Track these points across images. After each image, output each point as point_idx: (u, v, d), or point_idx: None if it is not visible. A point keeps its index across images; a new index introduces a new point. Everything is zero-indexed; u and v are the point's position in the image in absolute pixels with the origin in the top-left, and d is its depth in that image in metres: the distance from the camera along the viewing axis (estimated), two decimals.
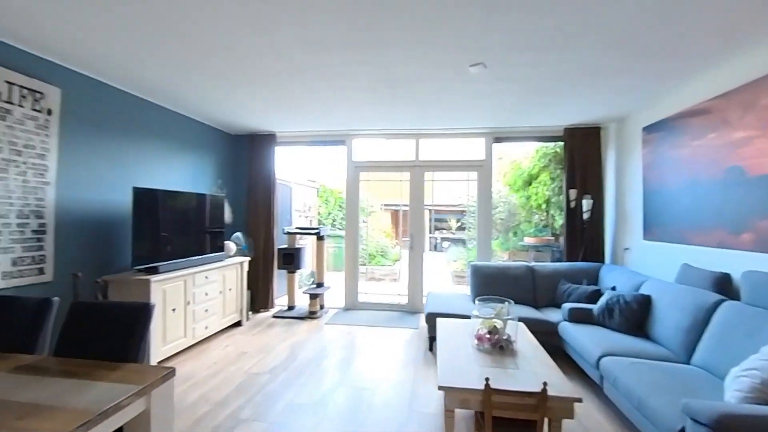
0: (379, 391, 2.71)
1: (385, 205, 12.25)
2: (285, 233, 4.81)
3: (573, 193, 4.25)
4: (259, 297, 4.78)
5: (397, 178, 5.00)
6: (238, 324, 4.18)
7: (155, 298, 2.92)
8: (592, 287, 3.51)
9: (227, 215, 4.55)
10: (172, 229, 3.36)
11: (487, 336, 2.35)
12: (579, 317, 3.11)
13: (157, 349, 2.96)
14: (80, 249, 2.83)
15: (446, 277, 8.08)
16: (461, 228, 12.41)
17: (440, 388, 1.87)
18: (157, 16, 2.04)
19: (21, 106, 2.41)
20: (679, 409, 1.66)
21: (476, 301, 2.58)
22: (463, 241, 10.85)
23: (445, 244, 12.34)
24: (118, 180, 3.15)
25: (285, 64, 2.67)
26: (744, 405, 1.60)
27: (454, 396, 1.89)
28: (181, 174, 4.00)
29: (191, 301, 3.35)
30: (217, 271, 3.75)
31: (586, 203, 4.10)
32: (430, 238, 14.23)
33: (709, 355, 2.20)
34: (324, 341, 3.74)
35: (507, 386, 1.83)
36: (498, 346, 2.32)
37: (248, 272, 4.39)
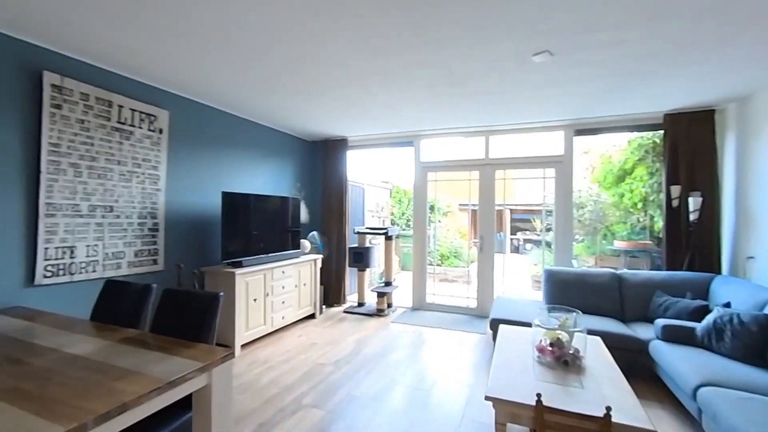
0: (435, 392, 2.68)
1: (462, 205, 11.96)
2: (355, 233, 5.04)
3: (675, 189, 3.61)
4: (332, 292, 5.09)
5: (466, 177, 4.85)
6: (312, 316, 4.52)
7: (239, 288, 3.33)
8: (698, 302, 2.95)
9: (303, 215, 4.95)
10: (254, 228, 3.79)
11: (550, 348, 2.16)
12: (676, 336, 2.64)
13: (241, 334, 3.37)
14: (183, 244, 3.38)
15: (526, 281, 7.55)
16: (548, 229, 11.44)
17: (487, 398, 1.78)
18: (246, 48, 2.36)
19: (140, 127, 2.98)
20: None
21: (539, 309, 2.38)
22: (549, 244, 9.98)
23: (528, 246, 11.51)
24: (212, 185, 3.67)
25: (346, 72, 2.81)
26: None
27: (503, 409, 1.79)
28: (264, 179, 4.47)
29: (270, 293, 3.74)
30: (293, 266, 4.11)
31: (693, 202, 3.45)
32: (511, 239, 13.43)
33: None
34: (388, 339, 3.82)
35: (564, 406, 1.66)
36: (562, 360, 2.11)
37: (322, 269, 4.71)
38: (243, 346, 3.45)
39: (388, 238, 4.98)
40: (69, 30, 2.20)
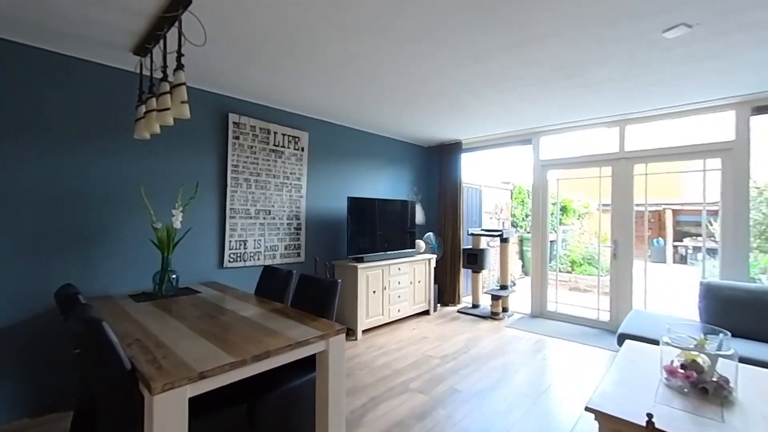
0: (543, 401, 2.56)
1: (604, 205, 10.39)
2: (469, 234, 5.07)
3: None
4: (446, 292, 5.25)
5: (595, 174, 4.33)
6: (426, 313, 4.77)
7: (361, 280, 3.84)
8: None
9: (419, 217, 5.26)
10: (374, 229, 4.27)
11: (682, 371, 1.85)
12: None
13: (362, 320, 3.87)
14: (319, 241, 4.08)
15: (690, 298, 6.12)
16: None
17: (587, 408, 1.68)
18: (358, 78, 2.79)
19: (288, 148, 3.77)
20: None
21: (669, 325, 2.05)
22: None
23: (698, 255, 9.21)
24: (341, 192, 4.31)
25: (449, 81, 2.96)
26: None
27: (607, 424, 1.66)
28: (384, 184, 4.96)
29: (387, 287, 4.15)
30: (408, 264, 4.45)
31: None
32: (675, 246, 10.95)
33: None
34: (500, 342, 3.77)
35: None
36: (699, 386, 1.79)
37: (437, 269, 4.92)
38: (364, 331, 3.94)
39: (504, 240, 4.85)
40: (244, 81, 3.01)
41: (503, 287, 4.85)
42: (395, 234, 4.58)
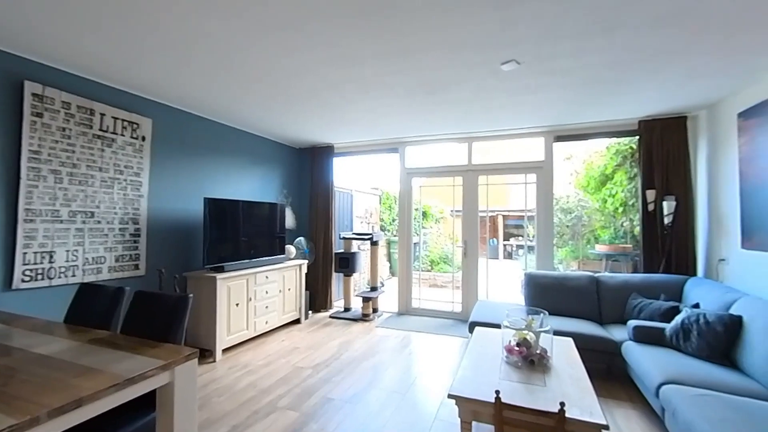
0: (410, 395, 2.71)
1: (456, 211, 12.05)
2: (341, 238, 5.09)
3: (651, 194, 3.69)
4: (318, 297, 5.12)
5: (450, 183, 4.92)
6: (296, 321, 4.54)
7: (221, 293, 3.37)
8: (670, 303, 3.00)
9: (289, 221, 5.00)
10: (237, 234, 3.83)
11: (517, 348, 2.20)
12: (646, 337, 2.69)
13: (222, 338, 3.40)
14: (165, 250, 3.42)
15: (517, 286, 7.59)
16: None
17: (450, 396, 1.83)
18: (214, 59, 2.41)
19: (123, 135, 3.04)
20: None
21: (508, 311, 2.43)
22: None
23: (520, 251, 11.56)
24: (196, 192, 3.72)
25: (322, 81, 2.89)
26: None
27: (466, 407, 1.83)
28: (251, 185, 4.53)
29: (252, 298, 3.77)
30: (277, 271, 4.15)
31: (668, 206, 3.53)
32: (504, 245, 13.49)
33: None
34: (370, 343, 3.85)
35: (523, 403, 1.70)
36: (528, 359, 2.16)
37: (308, 274, 4.74)
38: (224, 350, 3.47)
39: (374, 243, 5.03)
40: (49, 41, 2.27)
41: (373, 289, 5.02)
42: (262, 239, 4.22)
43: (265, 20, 2.03)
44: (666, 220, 3.54)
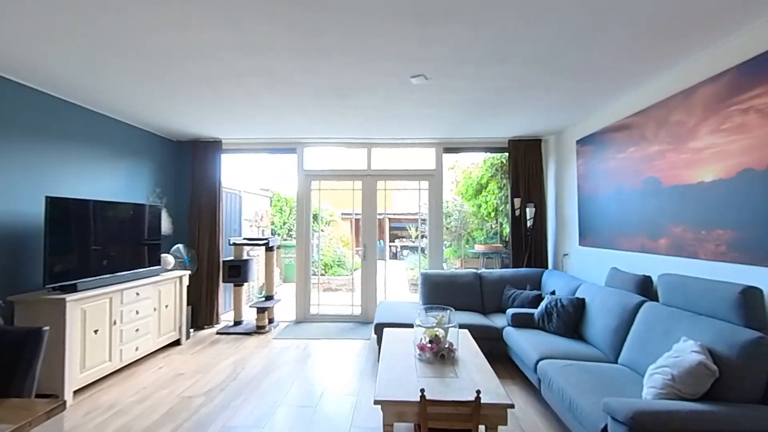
0: (321, 407, 2.60)
1: (345, 214, 12.17)
2: (231, 244, 4.58)
3: (518, 201, 4.43)
4: (202, 313, 4.49)
5: (350, 187, 4.96)
6: (177, 343, 3.88)
7: (72, 319, 2.63)
8: (535, 292, 3.65)
9: (165, 226, 4.27)
10: (94, 243, 3.06)
11: (429, 345, 2.34)
12: (521, 322, 3.20)
13: (73, 377, 2.65)
14: None
15: (404, 285, 8.10)
16: (423, 236, 12.61)
17: (376, 402, 1.82)
18: (82, 16, 1.86)
19: None
20: (602, 408, 1.74)
21: (419, 310, 2.58)
22: (422, 249, 11.01)
23: (405, 252, 12.42)
24: (30, 189, 2.83)
25: (221, 68, 2.55)
26: (656, 401, 1.69)
27: (391, 409, 1.85)
28: (113, 183, 3.68)
29: (118, 321, 3.06)
30: (150, 286, 3.47)
31: (530, 211, 4.29)
32: (390, 246, 14.31)
33: (633, 354, 2.34)
34: (269, 357, 3.56)
35: (444, 396, 1.82)
36: (439, 354, 2.32)
37: (189, 287, 4.11)
38: (77, 391, 2.71)
39: (269, 249, 4.69)
40: None
41: (269, 298, 4.66)
42: (130, 248, 3.47)
43: None
44: (529, 223, 4.30)
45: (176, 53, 2.34)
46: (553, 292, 3.45)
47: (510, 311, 3.30)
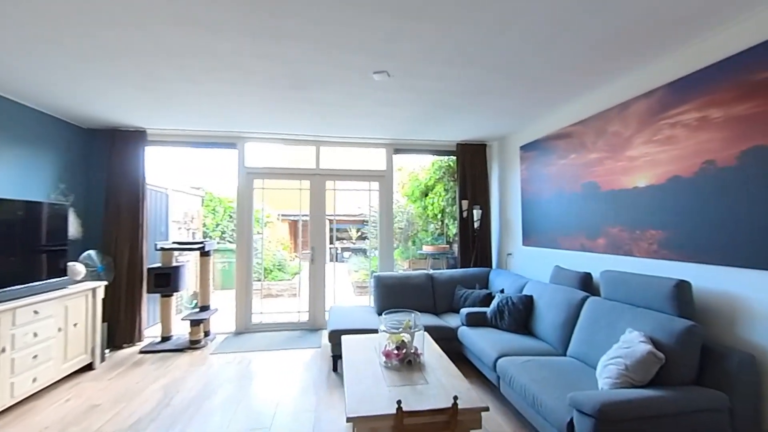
0: (277, 428, 2.36)
1: (283, 215, 11.57)
2: (158, 250, 4.01)
3: (465, 203, 4.57)
4: (120, 329, 3.86)
5: (296, 186, 4.68)
6: (89, 367, 3.26)
7: None
8: (485, 291, 3.78)
9: (73, 229, 3.59)
10: None
11: (395, 352, 2.25)
12: (475, 321, 3.28)
13: None
14: None
15: (348, 288, 7.94)
16: (362, 238, 12.51)
17: (349, 419, 1.68)
18: None
19: None
20: (566, 403, 1.80)
21: (383, 315, 2.48)
22: (364, 251, 10.93)
23: (346, 254, 12.24)
24: None
25: (153, 43, 2.18)
26: (616, 391, 1.80)
27: (365, 425, 1.71)
28: (1, 176, 2.98)
29: (9, 347, 2.46)
30: (54, 302, 2.86)
31: (477, 213, 4.45)
32: (330, 248, 14.00)
33: (581, 347, 2.50)
34: (208, 376, 3.17)
35: (419, 405, 1.74)
36: (406, 361, 2.24)
37: (105, 300, 3.49)
38: None
39: (205, 253, 4.21)
40: None
41: (204, 308, 4.18)
42: (22, 257, 2.83)
43: None
44: (476, 225, 4.46)
45: (91, 18, 1.93)
46: (502, 291, 3.59)
47: (464, 311, 3.36)
